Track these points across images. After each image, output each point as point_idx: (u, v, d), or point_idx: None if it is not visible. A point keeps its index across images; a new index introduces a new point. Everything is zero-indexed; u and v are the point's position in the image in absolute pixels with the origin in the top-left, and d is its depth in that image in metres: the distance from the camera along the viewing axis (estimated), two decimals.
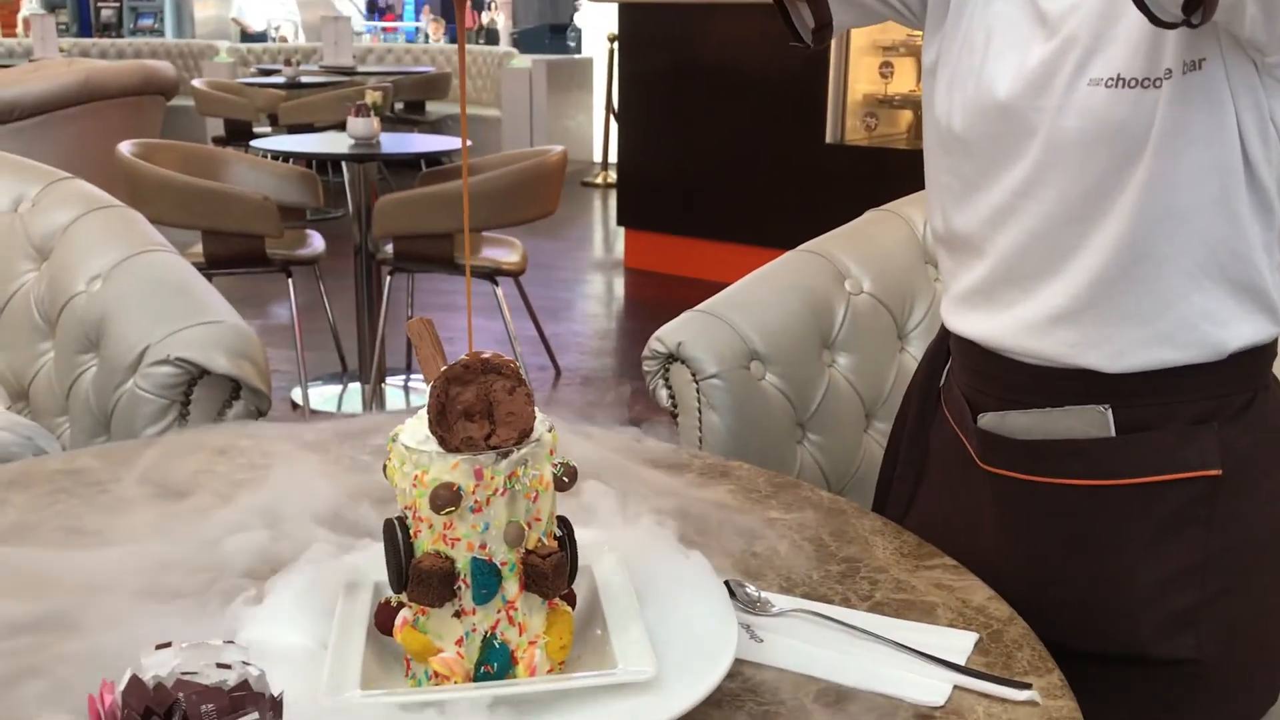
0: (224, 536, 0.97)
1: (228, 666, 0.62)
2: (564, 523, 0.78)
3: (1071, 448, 1.02)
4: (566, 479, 0.76)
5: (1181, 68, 0.90)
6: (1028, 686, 0.79)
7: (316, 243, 3.67)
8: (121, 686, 0.58)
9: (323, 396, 3.89)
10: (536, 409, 0.74)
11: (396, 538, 0.74)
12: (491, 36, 10.30)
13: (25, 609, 0.84)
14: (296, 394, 3.69)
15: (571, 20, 11.97)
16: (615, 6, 5.72)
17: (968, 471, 1.12)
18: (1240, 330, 0.98)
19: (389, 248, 3.60)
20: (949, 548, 1.04)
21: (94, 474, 1.16)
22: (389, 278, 3.66)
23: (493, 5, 10.48)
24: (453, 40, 11.39)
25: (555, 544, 0.76)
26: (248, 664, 0.62)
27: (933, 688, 0.80)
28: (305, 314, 3.77)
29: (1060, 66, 0.95)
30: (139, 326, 1.53)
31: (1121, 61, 0.92)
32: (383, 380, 3.88)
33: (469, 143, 4.13)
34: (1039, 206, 0.99)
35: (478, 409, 0.73)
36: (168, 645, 0.62)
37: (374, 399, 3.79)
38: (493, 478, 0.72)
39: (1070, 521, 1.04)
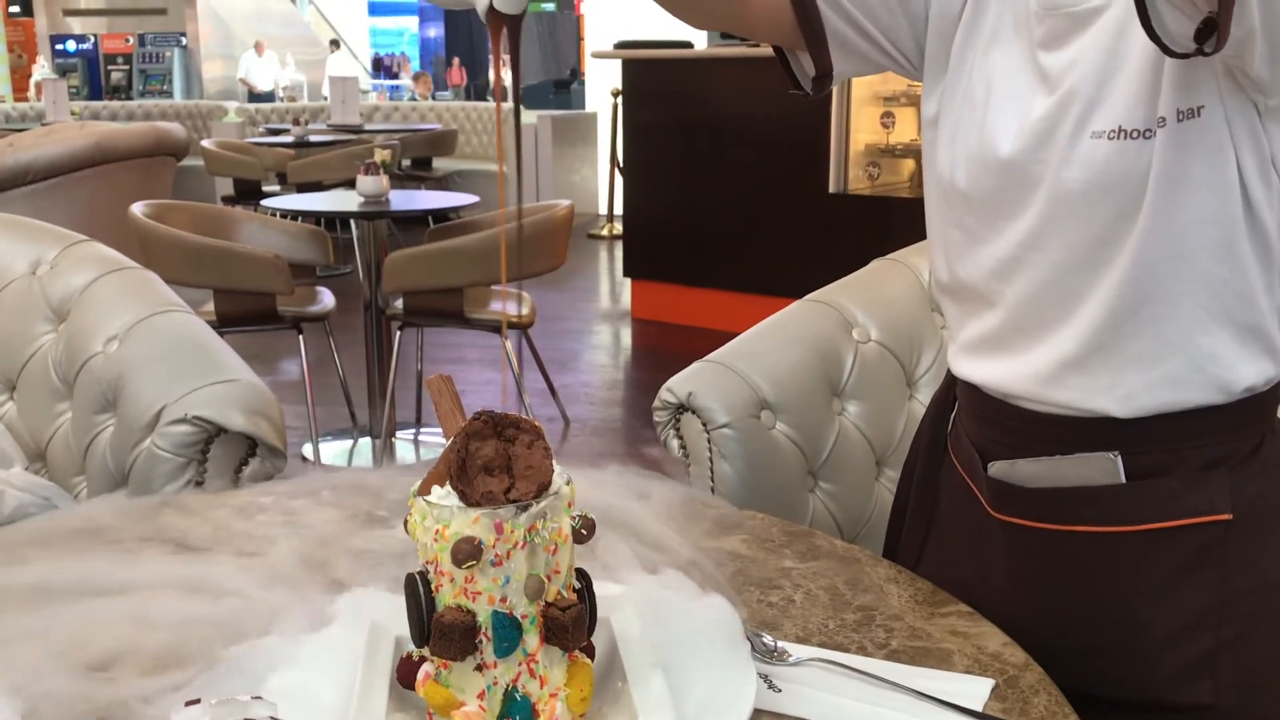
0: (246, 593, 0.98)
1: None
2: (582, 575, 0.79)
3: (1082, 495, 1.03)
4: (585, 531, 0.77)
5: (1176, 115, 0.91)
6: None
7: (327, 299, 3.71)
8: None
9: (334, 451, 3.91)
10: (555, 462, 0.75)
11: (418, 592, 0.75)
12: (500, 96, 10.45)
13: (55, 669, 0.85)
14: (308, 449, 3.70)
15: (575, 75, 12.12)
16: (619, 61, 5.80)
17: (979, 519, 1.13)
18: (1245, 372, 0.99)
19: (398, 303, 3.63)
20: (962, 595, 1.04)
21: (113, 531, 1.17)
22: (399, 332, 3.69)
23: (504, 62, 10.62)
24: (471, 98, 11.52)
25: (574, 596, 0.77)
26: (275, 718, 0.63)
27: None
28: (315, 370, 3.80)
29: (1062, 121, 0.97)
30: (156, 386, 1.55)
31: (1122, 113, 0.94)
32: (393, 435, 3.89)
33: (476, 198, 4.17)
34: (1046, 258, 1.00)
35: (497, 463, 0.74)
36: (197, 702, 0.63)
37: (385, 454, 3.80)
38: (513, 531, 0.73)
39: (1083, 568, 1.04)
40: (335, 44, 13.34)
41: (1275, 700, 1.05)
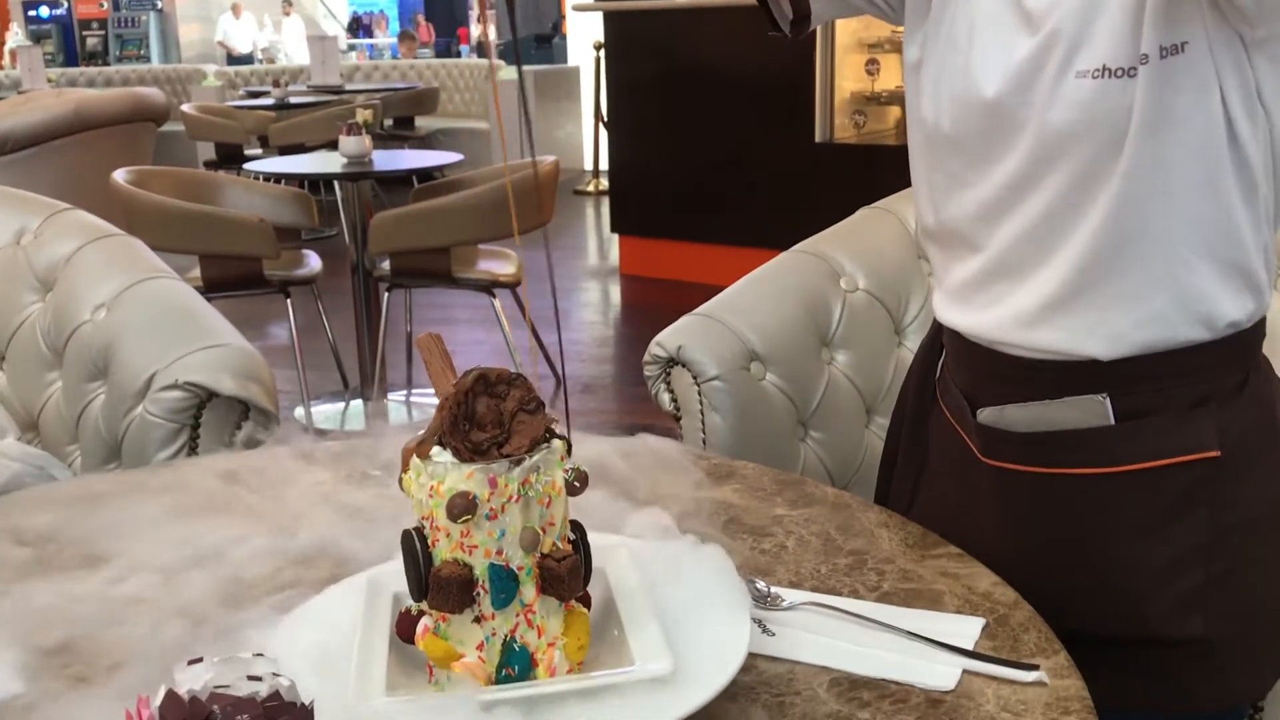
0: (243, 555, 0.99)
1: (259, 679, 0.64)
2: (577, 526, 0.80)
3: (1072, 438, 1.04)
4: (578, 484, 0.78)
5: (1159, 52, 0.91)
6: (1035, 668, 0.81)
7: (313, 262, 3.70)
8: (158, 702, 0.60)
9: (325, 414, 3.91)
10: (547, 415, 0.76)
11: (415, 548, 0.76)
12: (482, 49, 10.35)
13: (54, 634, 0.86)
14: (299, 413, 3.71)
15: (557, 30, 11.99)
16: (601, 15, 5.74)
17: (968, 465, 1.14)
18: (1229, 308, 1.00)
19: (385, 264, 3.62)
20: (953, 540, 1.06)
21: (110, 498, 1.18)
22: (386, 294, 3.68)
23: (494, 17, 10.53)
24: (437, 55, 11.41)
25: (569, 548, 0.78)
26: (278, 675, 0.64)
27: (943, 673, 0.82)
28: (304, 333, 3.79)
29: (1046, 61, 0.97)
30: (146, 353, 1.55)
31: (1106, 52, 0.94)
32: (385, 396, 3.90)
33: (459, 156, 4.13)
34: (1032, 199, 1.00)
35: (489, 419, 0.75)
36: (199, 660, 0.64)
37: (376, 415, 3.81)
38: (507, 485, 0.74)
39: (1074, 510, 1.06)
40: (289, 3, 13.00)
41: (1266, 631, 1.07)
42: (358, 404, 3.95)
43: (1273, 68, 0.93)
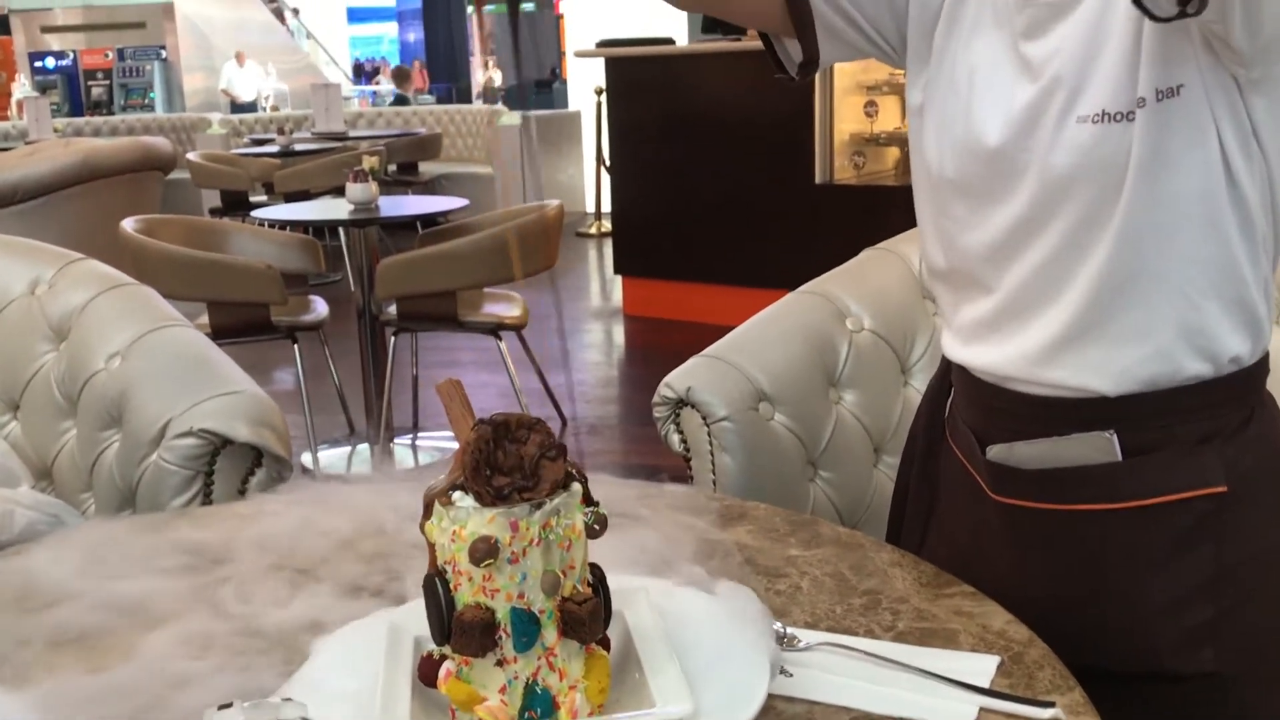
0: (263, 602, 0.99)
1: None
2: (596, 569, 0.81)
3: (1080, 474, 1.05)
4: (598, 526, 0.79)
5: (1156, 95, 0.93)
6: (1051, 705, 0.82)
7: (320, 308, 3.72)
8: None
9: (332, 459, 3.92)
10: (567, 458, 0.77)
11: (438, 592, 0.77)
12: (490, 96, 10.45)
13: (81, 682, 0.87)
14: (307, 458, 3.72)
15: (556, 75, 12.12)
16: (601, 60, 5.81)
17: (979, 502, 1.14)
18: (1232, 343, 1.01)
19: (392, 309, 3.64)
20: (965, 578, 1.06)
21: (127, 546, 1.19)
22: (393, 338, 3.70)
23: (488, 64, 10.66)
24: (439, 101, 11.50)
25: (589, 590, 0.79)
26: (307, 719, 0.65)
27: (959, 711, 0.82)
28: (311, 378, 3.81)
29: (1047, 108, 0.99)
30: (160, 400, 1.57)
31: (1105, 97, 0.96)
32: (391, 440, 3.91)
33: (465, 202, 4.16)
34: (1037, 241, 1.02)
35: (510, 463, 0.76)
36: (229, 705, 0.65)
37: (383, 459, 3.81)
38: (528, 529, 0.75)
39: (1084, 546, 1.07)
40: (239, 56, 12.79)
41: (1276, 664, 1.07)
42: (364, 448, 3.96)
43: (1268, 107, 0.95)
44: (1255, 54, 0.89)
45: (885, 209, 4.59)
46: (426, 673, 0.81)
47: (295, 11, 14.92)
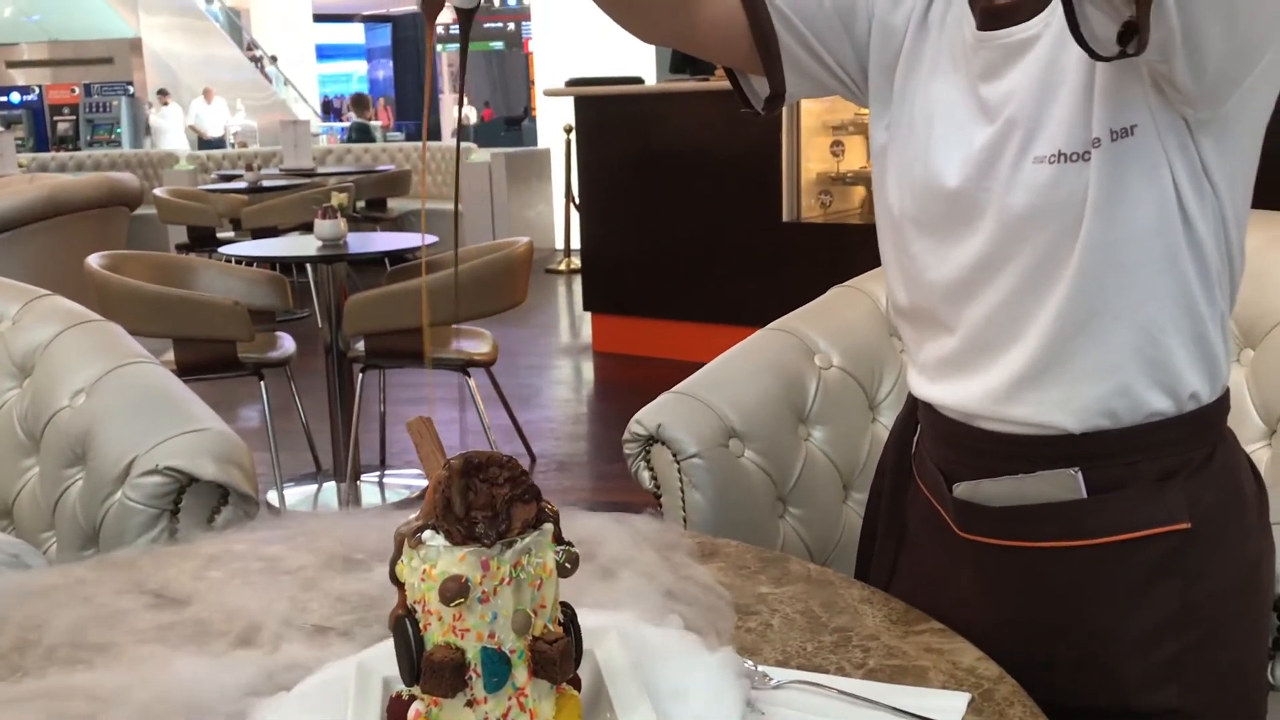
0: (227, 645, 0.98)
1: None
2: (566, 608, 0.81)
3: (1045, 511, 1.06)
4: (569, 565, 0.79)
5: (1110, 135, 0.95)
6: None
7: (287, 344, 3.70)
8: None
9: (298, 497, 3.88)
10: (538, 498, 0.77)
11: (407, 632, 0.76)
12: (466, 134, 10.47)
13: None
14: (273, 496, 3.68)
15: (526, 113, 12.17)
16: (570, 99, 5.85)
17: (947, 539, 1.15)
18: (1191, 381, 1.02)
19: (359, 345, 3.63)
20: (934, 612, 1.07)
21: (90, 586, 1.17)
22: (360, 375, 3.68)
23: (463, 101, 10.69)
24: (408, 138, 11.51)
25: (560, 629, 0.79)
26: None
27: None
28: (277, 415, 3.78)
29: (1004, 149, 1.01)
30: (125, 438, 1.55)
31: (1061, 138, 0.97)
32: (358, 478, 3.88)
33: (434, 239, 4.16)
34: (997, 280, 1.03)
35: (480, 502, 0.76)
36: None
37: (351, 497, 3.78)
38: (499, 568, 0.75)
39: (1049, 583, 1.07)
40: (163, 94, 12.36)
41: (1237, 700, 1.08)
42: (330, 486, 3.93)
43: (1216, 147, 0.97)
44: (1201, 95, 0.91)
45: (852, 247, 4.63)
46: (396, 713, 0.80)
47: (273, 59, 14.93)
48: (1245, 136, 0.98)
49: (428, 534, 0.77)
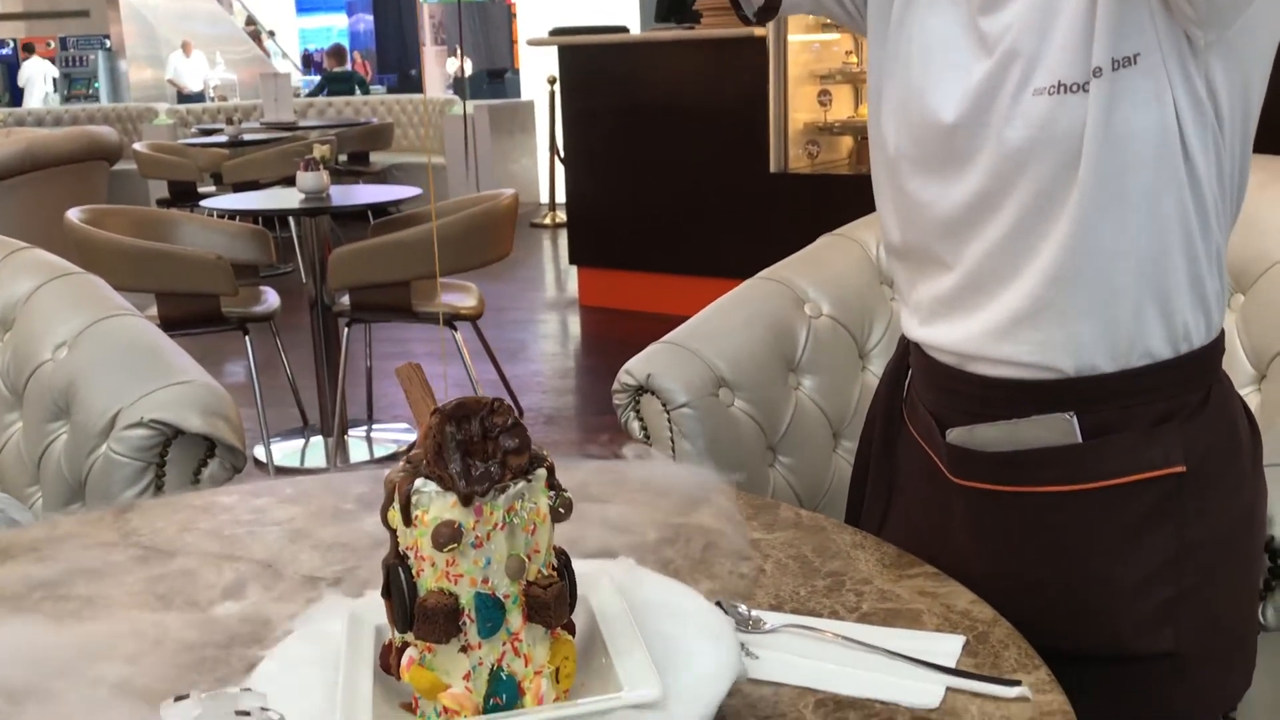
0: (217, 596, 0.97)
1: (247, 714, 0.63)
2: (561, 553, 0.80)
3: (1040, 456, 1.05)
4: (563, 510, 0.78)
5: (1111, 64, 0.93)
6: (1017, 683, 0.82)
7: (271, 299, 3.67)
8: None
9: (285, 452, 3.87)
10: (531, 441, 0.76)
11: (400, 578, 0.76)
12: (458, 87, 10.34)
13: (23, 678, 0.85)
14: (259, 451, 3.67)
15: (510, 65, 12.03)
16: (554, 49, 5.78)
17: (938, 485, 1.15)
18: (1189, 320, 1.02)
19: (345, 299, 3.60)
20: (926, 559, 1.06)
21: (77, 540, 1.16)
22: (346, 329, 3.66)
23: (457, 52, 10.53)
24: (390, 91, 11.37)
25: (554, 574, 0.78)
26: (266, 709, 0.64)
27: (926, 691, 0.82)
28: (263, 370, 3.75)
29: (1004, 82, 0.99)
30: (109, 391, 1.53)
31: (1061, 68, 0.96)
32: (345, 432, 3.87)
33: (417, 191, 4.13)
34: (995, 216, 1.02)
35: (473, 447, 0.75)
36: (186, 696, 0.63)
37: (338, 451, 3.77)
38: (492, 513, 0.74)
39: (1044, 527, 1.07)
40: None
41: (1232, 642, 1.08)
42: (318, 440, 3.92)
43: (1225, 70, 0.95)
44: (1210, 14, 0.90)
45: (840, 197, 4.61)
46: (388, 662, 0.79)
47: (271, 34, 14.70)
48: (1252, 66, 0.97)
49: (419, 480, 0.75)
